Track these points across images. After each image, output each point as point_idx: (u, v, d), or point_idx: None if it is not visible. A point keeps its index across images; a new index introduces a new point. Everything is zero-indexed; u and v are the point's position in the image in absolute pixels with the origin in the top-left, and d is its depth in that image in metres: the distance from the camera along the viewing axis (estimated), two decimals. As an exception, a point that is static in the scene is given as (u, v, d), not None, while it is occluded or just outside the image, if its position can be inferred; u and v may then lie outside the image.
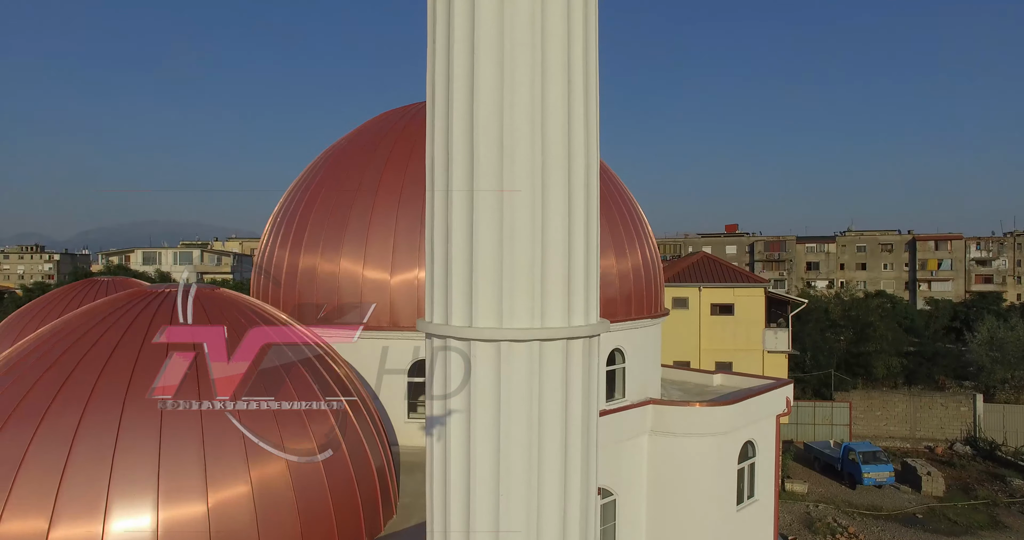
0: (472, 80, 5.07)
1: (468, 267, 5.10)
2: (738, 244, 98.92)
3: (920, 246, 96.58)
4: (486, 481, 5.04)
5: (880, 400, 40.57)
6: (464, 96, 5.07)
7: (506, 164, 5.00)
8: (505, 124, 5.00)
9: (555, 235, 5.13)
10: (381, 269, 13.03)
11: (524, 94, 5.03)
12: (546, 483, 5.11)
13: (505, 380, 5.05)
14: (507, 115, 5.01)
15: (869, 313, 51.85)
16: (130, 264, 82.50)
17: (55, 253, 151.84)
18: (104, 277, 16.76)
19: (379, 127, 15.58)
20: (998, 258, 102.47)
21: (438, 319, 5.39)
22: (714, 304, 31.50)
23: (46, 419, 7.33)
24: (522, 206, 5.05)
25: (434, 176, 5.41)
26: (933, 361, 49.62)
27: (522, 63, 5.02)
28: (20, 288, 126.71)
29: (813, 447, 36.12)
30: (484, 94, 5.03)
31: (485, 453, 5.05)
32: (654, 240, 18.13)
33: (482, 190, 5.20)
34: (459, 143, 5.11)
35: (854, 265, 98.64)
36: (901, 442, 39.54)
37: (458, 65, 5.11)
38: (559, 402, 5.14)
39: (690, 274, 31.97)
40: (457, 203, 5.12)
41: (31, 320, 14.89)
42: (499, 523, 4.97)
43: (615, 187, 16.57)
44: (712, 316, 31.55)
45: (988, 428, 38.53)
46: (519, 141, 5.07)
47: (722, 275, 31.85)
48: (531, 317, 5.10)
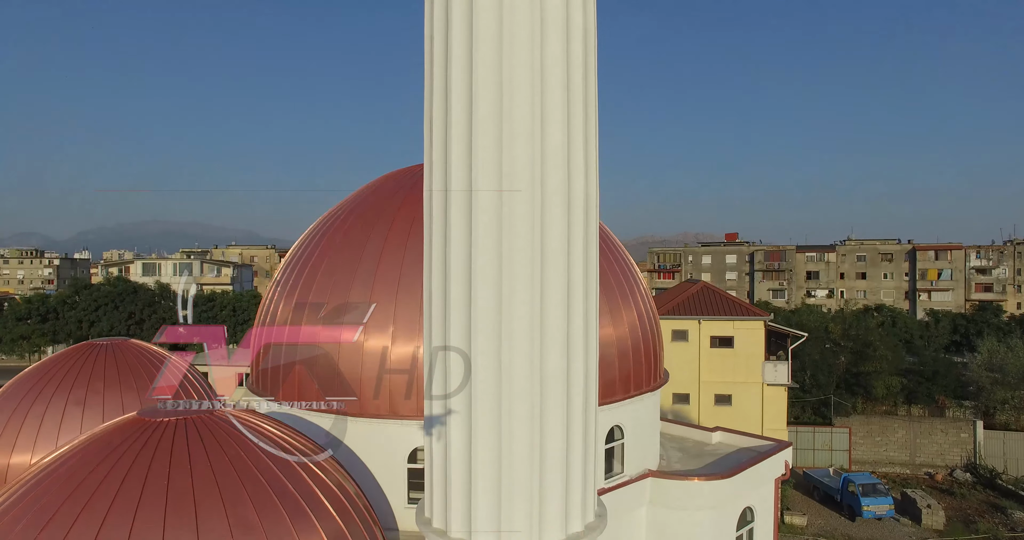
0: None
1: (467, 479, 5.07)
2: (738, 254, 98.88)
3: (920, 256, 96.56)
4: None
5: (880, 425, 40.54)
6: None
7: (504, 386, 4.96)
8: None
9: (554, 452, 5.09)
10: (377, 354, 13.01)
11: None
12: None
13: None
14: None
15: (869, 333, 51.85)
16: (129, 274, 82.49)
17: (55, 257, 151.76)
18: (103, 340, 16.53)
19: (380, 197, 15.53)
20: (998, 267, 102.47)
21: (437, 522, 5.38)
22: (714, 337, 31.45)
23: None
24: (520, 421, 5.01)
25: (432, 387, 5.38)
26: (933, 381, 49.58)
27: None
28: (20, 295, 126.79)
29: (812, 476, 36.11)
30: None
31: None
32: (645, 287, 18.06)
33: (480, 400, 5.17)
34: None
35: (854, 274, 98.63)
36: (901, 468, 39.51)
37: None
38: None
39: (690, 306, 31.91)
40: (455, 421, 5.09)
41: (28, 392, 14.72)
42: None
43: (605, 240, 16.37)
44: (712, 348, 31.51)
45: (988, 455, 38.50)
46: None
47: (722, 307, 31.78)
48: (529, 531, 5.06)
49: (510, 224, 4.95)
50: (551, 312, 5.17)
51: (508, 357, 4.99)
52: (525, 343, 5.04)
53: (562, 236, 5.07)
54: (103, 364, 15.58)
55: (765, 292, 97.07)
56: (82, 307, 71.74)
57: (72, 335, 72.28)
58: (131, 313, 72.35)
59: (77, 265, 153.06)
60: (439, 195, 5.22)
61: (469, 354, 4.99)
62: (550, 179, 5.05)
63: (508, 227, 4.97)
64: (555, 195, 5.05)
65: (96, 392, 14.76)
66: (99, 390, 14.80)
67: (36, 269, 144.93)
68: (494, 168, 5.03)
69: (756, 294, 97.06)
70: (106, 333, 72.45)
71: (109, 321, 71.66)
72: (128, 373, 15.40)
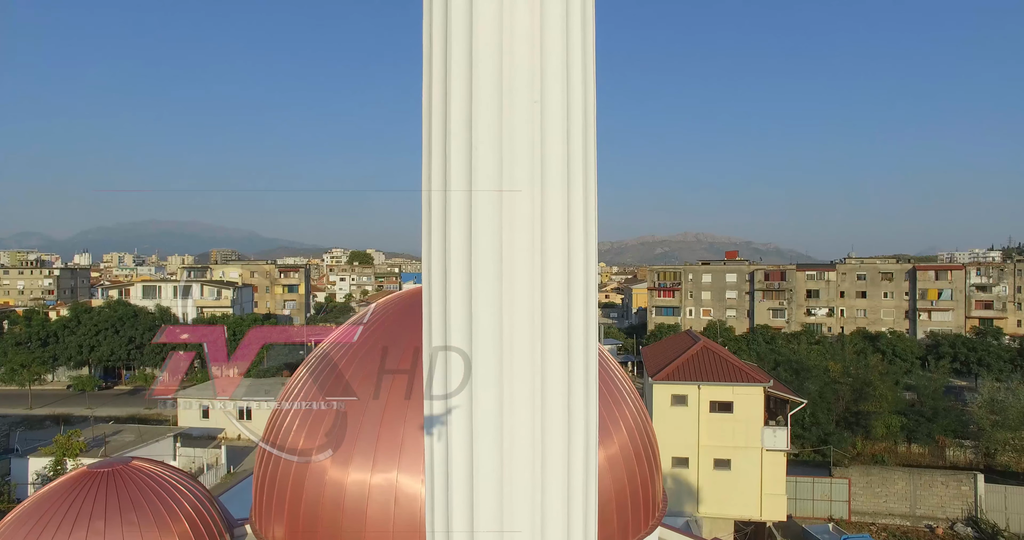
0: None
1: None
2: (738, 272, 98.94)
3: (920, 275, 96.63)
4: None
5: (880, 476, 40.57)
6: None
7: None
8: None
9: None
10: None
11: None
12: None
13: None
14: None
15: (868, 371, 51.93)
16: (129, 297, 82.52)
17: (55, 268, 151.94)
18: (104, 466, 16.43)
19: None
20: (999, 284, 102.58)
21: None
22: (713, 401, 31.48)
23: None
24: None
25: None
26: (933, 420, 49.66)
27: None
28: (21, 307, 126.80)
29: (811, 534, 36.18)
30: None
31: None
32: (637, 398, 17.96)
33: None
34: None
35: (854, 293, 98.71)
36: (901, 520, 39.56)
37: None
38: None
39: (689, 369, 31.92)
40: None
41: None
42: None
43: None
44: (711, 413, 31.53)
45: (990, 509, 38.55)
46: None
47: (721, 370, 31.79)
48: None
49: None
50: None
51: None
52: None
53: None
54: (104, 497, 15.48)
55: (765, 311, 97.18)
56: (82, 332, 71.84)
57: (72, 359, 72.42)
58: (131, 337, 72.50)
59: (77, 275, 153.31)
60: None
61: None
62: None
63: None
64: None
65: (96, 533, 14.74)
66: (99, 531, 14.78)
67: (36, 279, 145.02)
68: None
69: (756, 313, 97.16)
70: (106, 358, 72.60)
71: (109, 346, 71.81)
72: (130, 508, 15.31)
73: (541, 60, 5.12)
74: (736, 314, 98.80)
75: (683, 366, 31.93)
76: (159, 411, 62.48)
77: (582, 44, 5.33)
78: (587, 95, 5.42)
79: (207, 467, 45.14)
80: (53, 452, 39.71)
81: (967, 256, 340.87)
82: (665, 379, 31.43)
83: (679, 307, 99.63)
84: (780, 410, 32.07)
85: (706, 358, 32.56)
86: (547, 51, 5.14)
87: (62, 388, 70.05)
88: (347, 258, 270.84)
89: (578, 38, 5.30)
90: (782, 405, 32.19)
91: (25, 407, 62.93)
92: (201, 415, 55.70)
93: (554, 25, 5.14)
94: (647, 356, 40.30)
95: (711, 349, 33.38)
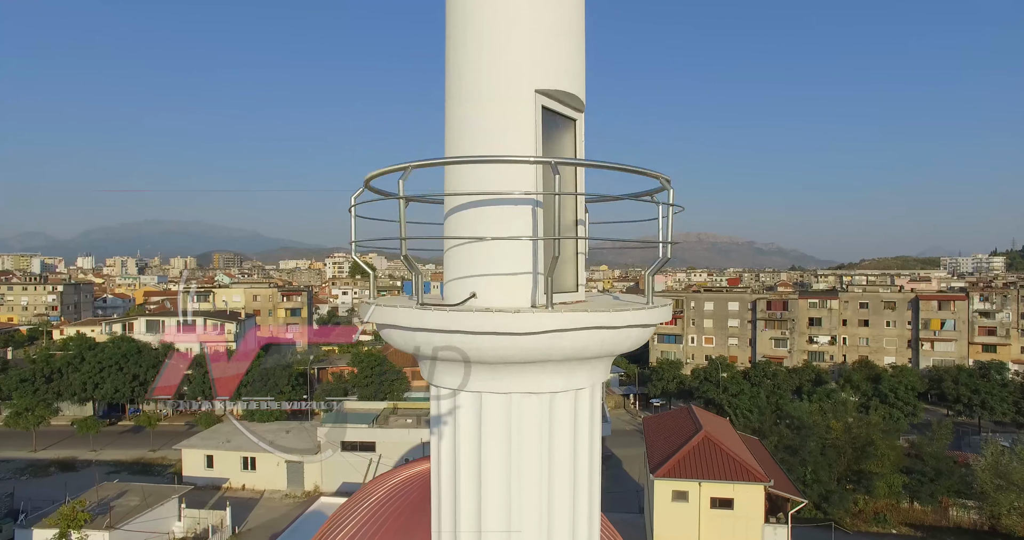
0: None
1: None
2: (740, 301, 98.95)
3: (923, 305, 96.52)
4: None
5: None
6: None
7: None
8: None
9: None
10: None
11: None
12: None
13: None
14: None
15: (870, 429, 51.98)
16: (133, 332, 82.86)
17: (59, 283, 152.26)
18: None
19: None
20: (1002, 311, 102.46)
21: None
22: (714, 498, 31.60)
23: None
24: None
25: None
26: (936, 481, 49.72)
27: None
28: (25, 326, 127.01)
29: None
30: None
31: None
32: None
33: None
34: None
35: (856, 321, 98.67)
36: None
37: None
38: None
39: (690, 465, 32.03)
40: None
41: None
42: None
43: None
44: (712, 509, 31.65)
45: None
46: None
47: (722, 466, 31.90)
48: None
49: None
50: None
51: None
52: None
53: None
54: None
55: (767, 341, 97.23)
56: (86, 369, 72.16)
57: (76, 396, 72.78)
58: (135, 375, 72.80)
59: (81, 290, 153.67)
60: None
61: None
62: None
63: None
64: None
65: None
66: None
67: (40, 295, 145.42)
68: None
69: (758, 343, 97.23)
70: (110, 396, 72.92)
71: (113, 383, 72.12)
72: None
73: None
74: (738, 342, 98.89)
75: (684, 461, 32.04)
76: (163, 454, 62.80)
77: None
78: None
79: (212, 530, 45.35)
80: (57, 523, 39.94)
81: (970, 263, 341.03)
82: (666, 475, 31.56)
83: (681, 334, 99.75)
84: (781, 506, 32.18)
85: (707, 451, 32.65)
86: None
87: (66, 423, 70.37)
88: (349, 265, 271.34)
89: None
90: (783, 504, 32.29)
91: (29, 449, 63.34)
92: (206, 464, 55.95)
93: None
94: (648, 428, 40.49)
95: (712, 440, 33.46)
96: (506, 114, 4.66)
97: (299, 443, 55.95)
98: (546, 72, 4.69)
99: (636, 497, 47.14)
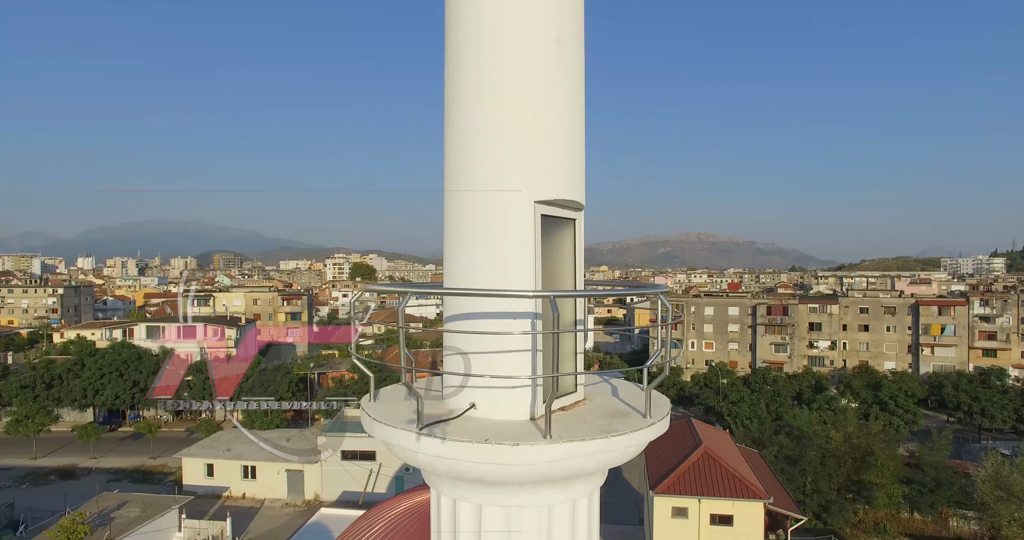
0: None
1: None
2: (740, 306, 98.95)
3: (923, 310, 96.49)
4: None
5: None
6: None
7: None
8: None
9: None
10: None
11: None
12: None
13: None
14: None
15: (871, 439, 51.94)
16: (133, 338, 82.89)
17: (59, 286, 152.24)
18: None
19: None
20: (1002, 315, 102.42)
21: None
22: (714, 514, 31.60)
23: None
24: None
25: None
26: (936, 492, 49.68)
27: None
28: (25, 330, 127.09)
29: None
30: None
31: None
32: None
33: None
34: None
35: (856, 326, 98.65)
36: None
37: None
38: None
39: (690, 481, 32.02)
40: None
41: None
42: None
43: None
44: (711, 526, 31.65)
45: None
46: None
47: (722, 482, 31.88)
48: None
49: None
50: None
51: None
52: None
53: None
54: None
55: (767, 346, 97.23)
56: (87, 375, 72.20)
57: (77, 402, 72.85)
58: (135, 381, 72.84)
59: (81, 293, 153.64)
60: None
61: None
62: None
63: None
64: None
65: None
66: None
67: (40, 298, 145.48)
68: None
69: (758, 348, 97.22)
70: (111, 402, 72.95)
71: (113, 390, 72.17)
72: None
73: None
74: (738, 347, 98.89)
75: (683, 477, 32.04)
76: (163, 462, 62.79)
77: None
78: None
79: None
80: (57, 535, 39.95)
81: (970, 264, 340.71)
82: (666, 492, 31.56)
83: (681, 339, 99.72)
84: (781, 522, 32.19)
85: (706, 467, 32.65)
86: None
87: (67, 430, 70.41)
88: (349, 266, 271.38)
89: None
90: (783, 520, 32.28)
91: (29, 456, 63.34)
92: (206, 473, 55.94)
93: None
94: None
95: (712, 456, 33.45)
96: (505, 224, 4.69)
97: (300, 450, 56.01)
98: (546, 186, 4.72)
99: (636, 507, 47.08)
